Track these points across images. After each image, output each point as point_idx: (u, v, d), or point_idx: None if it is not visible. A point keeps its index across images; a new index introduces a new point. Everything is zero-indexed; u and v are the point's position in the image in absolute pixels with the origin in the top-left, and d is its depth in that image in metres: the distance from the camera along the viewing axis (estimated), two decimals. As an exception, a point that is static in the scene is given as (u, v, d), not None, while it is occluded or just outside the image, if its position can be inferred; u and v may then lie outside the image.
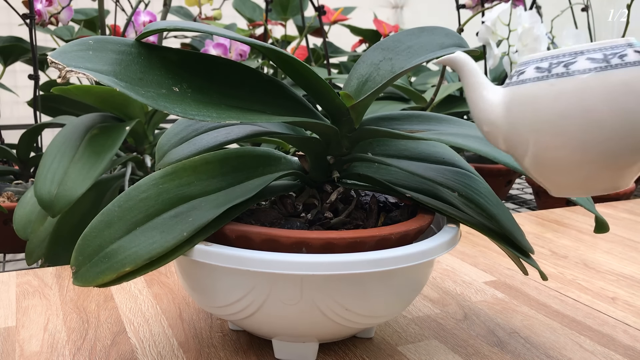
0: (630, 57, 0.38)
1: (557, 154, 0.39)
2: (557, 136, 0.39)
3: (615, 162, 0.39)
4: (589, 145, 0.38)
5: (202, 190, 0.46)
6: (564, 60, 0.39)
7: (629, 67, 0.38)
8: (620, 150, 0.38)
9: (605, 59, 0.38)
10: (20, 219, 0.82)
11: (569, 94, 0.38)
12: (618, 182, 0.40)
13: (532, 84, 0.40)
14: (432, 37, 0.53)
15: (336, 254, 0.43)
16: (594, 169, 0.39)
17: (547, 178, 0.41)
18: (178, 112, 0.40)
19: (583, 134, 0.38)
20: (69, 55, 0.40)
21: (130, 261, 0.41)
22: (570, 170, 0.40)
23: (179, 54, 0.45)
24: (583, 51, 0.39)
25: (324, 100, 0.48)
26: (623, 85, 0.38)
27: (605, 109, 0.38)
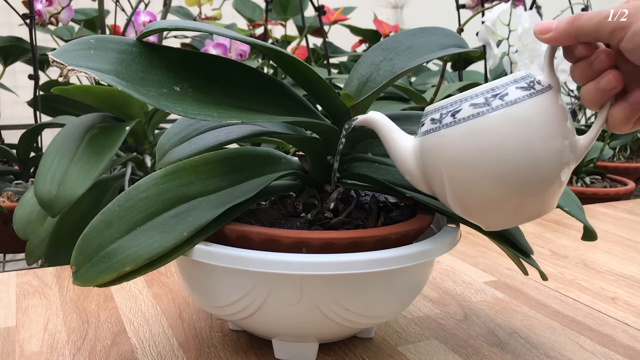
0: (510, 96, 0.40)
1: (469, 194, 0.41)
2: (465, 180, 0.41)
3: (528, 190, 0.40)
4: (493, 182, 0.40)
5: (202, 190, 0.46)
6: (452, 109, 0.41)
7: (509, 107, 0.39)
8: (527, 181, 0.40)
9: (487, 102, 0.40)
10: (20, 219, 0.82)
11: (457, 142, 0.40)
12: (542, 209, 0.42)
13: (429, 135, 0.42)
14: (432, 38, 0.53)
15: (336, 254, 0.43)
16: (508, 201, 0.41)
17: (473, 216, 0.43)
18: (179, 111, 0.40)
19: (481, 173, 0.40)
20: (71, 54, 0.40)
21: (130, 261, 0.41)
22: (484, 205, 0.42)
23: (179, 53, 0.45)
24: (466, 97, 0.41)
25: (324, 100, 0.48)
26: (503, 124, 0.39)
27: (480, 150, 0.39)
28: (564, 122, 0.40)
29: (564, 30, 0.38)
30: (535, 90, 0.40)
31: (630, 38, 0.35)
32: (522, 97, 0.40)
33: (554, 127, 0.39)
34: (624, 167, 1.37)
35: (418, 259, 0.45)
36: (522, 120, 0.39)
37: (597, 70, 0.39)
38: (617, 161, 1.45)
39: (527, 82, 0.41)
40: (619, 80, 0.38)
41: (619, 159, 1.47)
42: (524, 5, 1.24)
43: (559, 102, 0.41)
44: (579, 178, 1.28)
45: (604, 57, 0.38)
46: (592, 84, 0.39)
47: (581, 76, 0.39)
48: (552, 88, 0.41)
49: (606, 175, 1.31)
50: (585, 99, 0.39)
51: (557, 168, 0.40)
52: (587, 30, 0.37)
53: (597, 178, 1.30)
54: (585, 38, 0.38)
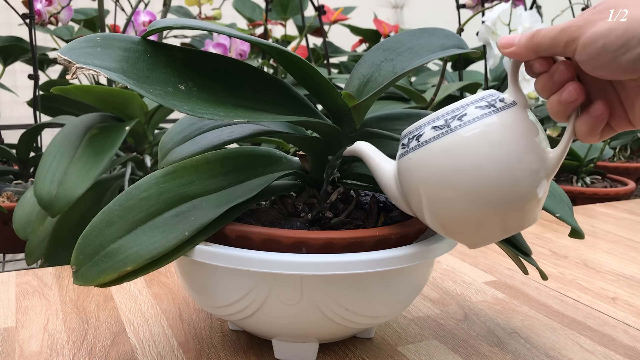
0: (468, 116, 0.40)
1: (442, 214, 0.42)
2: (435, 201, 0.41)
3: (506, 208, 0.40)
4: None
5: (203, 190, 0.45)
6: (416, 132, 0.42)
7: (466, 126, 0.40)
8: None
9: (447, 124, 0.40)
10: (20, 219, 0.82)
11: (420, 164, 0.41)
12: (525, 222, 0.42)
13: (401, 160, 0.43)
14: (433, 39, 0.53)
15: (336, 254, 0.43)
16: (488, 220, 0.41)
17: (454, 236, 0.43)
18: (187, 110, 0.40)
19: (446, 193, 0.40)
20: (78, 51, 0.41)
21: (131, 260, 0.41)
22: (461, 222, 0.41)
23: (183, 52, 0.45)
24: (429, 121, 0.41)
25: (326, 99, 0.48)
26: (460, 145, 0.39)
27: (446, 169, 0.40)
28: (530, 137, 0.40)
29: (524, 45, 0.39)
30: (495, 107, 0.40)
31: (580, 50, 0.36)
32: (480, 115, 0.40)
33: (518, 142, 0.39)
34: (624, 167, 1.37)
35: (418, 259, 0.45)
36: (479, 139, 0.39)
37: (558, 82, 0.39)
38: (618, 161, 1.45)
39: (488, 100, 0.41)
40: (580, 92, 0.38)
41: (619, 159, 1.47)
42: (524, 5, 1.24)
43: (526, 118, 0.40)
44: (579, 178, 1.28)
45: (563, 68, 0.38)
46: (555, 96, 0.39)
47: (543, 89, 0.39)
48: (516, 104, 0.40)
49: (606, 175, 1.31)
50: (550, 111, 0.39)
51: (530, 184, 0.40)
52: (545, 45, 0.37)
53: (597, 178, 1.30)
54: (544, 53, 0.38)
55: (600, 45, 0.34)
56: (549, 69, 0.39)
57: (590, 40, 0.35)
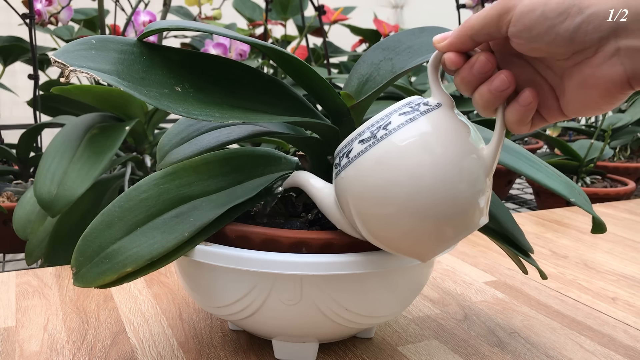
0: (393, 123, 0.39)
1: (380, 231, 0.40)
2: (371, 217, 0.40)
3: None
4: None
5: (202, 191, 0.45)
6: (346, 149, 0.41)
7: (392, 134, 0.39)
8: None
9: (373, 135, 0.39)
10: (19, 219, 0.82)
11: (353, 181, 0.40)
12: (472, 225, 0.40)
13: (335, 180, 0.42)
14: (432, 38, 0.53)
15: (336, 254, 0.43)
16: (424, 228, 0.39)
17: (401, 251, 0.42)
18: (181, 111, 0.40)
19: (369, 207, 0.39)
20: (72, 54, 0.40)
21: (131, 262, 0.41)
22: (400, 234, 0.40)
23: (180, 53, 0.45)
24: (356, 135, 0.40)
25: (324, 100, 0.48)
26: (389, 154, 0.38)
27: (378, 182, 0.38)
28: (461, 136, 0.39)
29: (458, 34, 0.38)
30: (420, 112, 0.39)
31: (516, 20, 0.34)
32: (404, 122, 0.39)
33: (449, 144, 0.38)
34: (624, 167, 1.37)
35: (418, 259, 0.45)
36: (407, 146, 0.38)
37: (479, 74, 0.38)
38: (618, 161, 1.45)
39: (412, 106, 0.40)
40: (511, 80, 0.37)
41: (619, 158, 1.47)
42: (524, 5, 1.24)
43: (453, 118, 0.39)
44: (580, 178, 1.28)
45: (484, 59, 0.37)
46: (484, 86, 0.38)
47: (463, 82, 0.38)
48: (441, 105, 0.40)
49: (606, 175, 1.31)
50: (478, 103, 0.38)
51: (471, 186, 0.38)
52: (478, 26, 0.36)
53: (597, 178, 1.30)
54: (479, 35, 0.37)
55: (539, 13, 0.33)
56: (465, 63, 0.38)
57: (528, 9, 0.34)
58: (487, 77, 0.38)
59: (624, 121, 1.43)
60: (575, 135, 1.83)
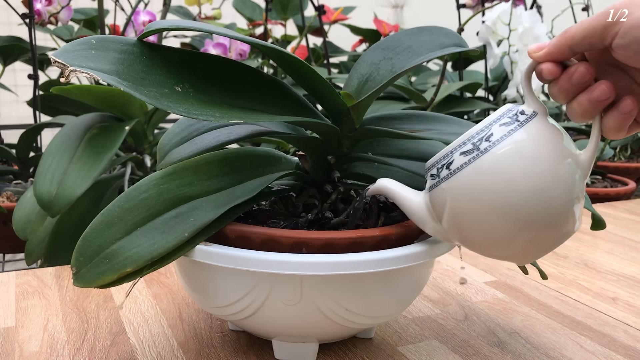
0: (495, 135, 0.40)
1: (487, 239, 0.41)
2: (477, 226, 0.41)
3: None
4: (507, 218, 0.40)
5: (202, 191, 0.45)
6: (445, 161, 0.41)
7: (496, 146, 0.39)
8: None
9: (475, 147, 0.40)
10: (19, 219, 0.82)
11: (457, 193, 0.40)
12: (570, 229, 0.41)
13: (433, 191, 0.43)
14: (432, 37, 0.53)
15: (336, 254, 0.43)
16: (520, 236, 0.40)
17: (501, 258, 0.43)
18: (181, 111, 0.40)
19: (491, 216, 0.40)
20: (72, 54, 0.40)
21: (131, 262, 0.41)
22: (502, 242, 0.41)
23: (180, 53, 0.45)
24: (456, 147, 0.41)
25: (325, 99, 0.48)
26: (494, 166, 0.39)
27: (480, 196, 0.39)
28: (559, 143, 0.40)
29: (556, 44, 0.38)
30: (520, 122, 0.40)
31: (624, 33, 0.35)
32: (507, 132, 0.39)
33: (548, 152, 0.39)
34: (625, 167, 1.37)
35: (418, 259, 0.45)
36: (512, 156, 0.39)
37: (578, 84, 0.38)
38: (618, 161, 1.45)
39: (510, 116, 0.40)
40: (612, 90, 0.38)
41: (620, 158, 1.47)
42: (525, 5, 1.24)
43: (549, 125, 0.40)
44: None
45: (583, 69, 0.38)
46: (584, 95, 0.38)
47: (561, 92, 0.39)
48: (537, 114, 0.40)
49: (607, 175, 1.31)
50: (577, 112, 0.39)
51: (570, 192, 0.39)
52: (579, 36, 0.37)
53: (597, 178, 1.30)
54: (579, 45, 0.37)
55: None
56: (563, 74, 0.39)
57: (639, 22, 0.34)
58: (586, 87, 0.39)
59: (624, 121, 1.43)
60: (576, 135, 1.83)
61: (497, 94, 1.35)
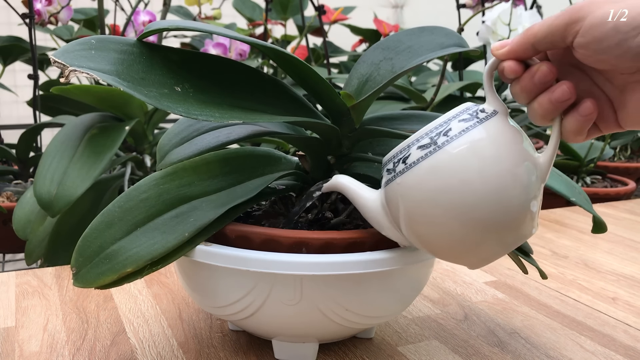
0: (454, 130, 0.39)
1: (438, 239, 0.40)
2: (428, 225, 0.40)
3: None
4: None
5: (202, 191, 0.45)
6: (402, 155, 0.41)
7: (454, 141, 0.39)
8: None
9: (433, 141, 0.39)
10: (19, 219, 0.82)
11: (412, 188, 0.40)
12: (524, 234, 0.40)
13: (388, 186, 0.42)
14: (432, 37, 0.53)
15: (336, 254, 0.43)
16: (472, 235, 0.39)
17: (452, 259, 0.42)
18: (181, 111, 0.40)
19: (433, 215, 0.39)
20: (72, 54, 0.40)
21: (131, 262, 0.41)
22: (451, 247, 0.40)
23: (180, 53, 0.45)
24: (413, 141, 0.40)
25: (324, 99, 0.48)
26: (450, 162, 0.38)
27: (439, 189, 0.38)
28: (518, 144, 0.39)
29: (519, 42, 0.38)
30: (478, 119, 0.39)
31: (584, 32, 0.34)
32: (466, 128, 0.39)
33: (507, 152, 0.38)
34: (625, 167, 1.37)
35: (418, 259, 0.45)
36: (468, 153, 0.38)
37: (540, 83, 0.38)
38: (618, 161, 1.45)
39: (470, 113, 0.40)
40: (573, 91, 0.37)
41: (620, 158, 1.47)
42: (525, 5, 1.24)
43: (509, 125, 0.39)
44: (580, 178, 1.28)
45: (545, 68, 0.37)
46: (544, 96, 0.38)
47: (523, 91, 0.38)
48: (497, 113, 0.40)
49: (607, 175, 1.31)
50: (537, 112, 0.38)
51: (526, 194, 0.39)
52: (542, 34, 0.36)
53: (597, 178, 1.30)
54: (542, 43, 0.37)
55: (611, 25, 0.33)
56: (525, 72, 0.38)
57: (599, 21, 0.34)
58: (548, 86, 0.38)
59: (624, 121, 1.43)
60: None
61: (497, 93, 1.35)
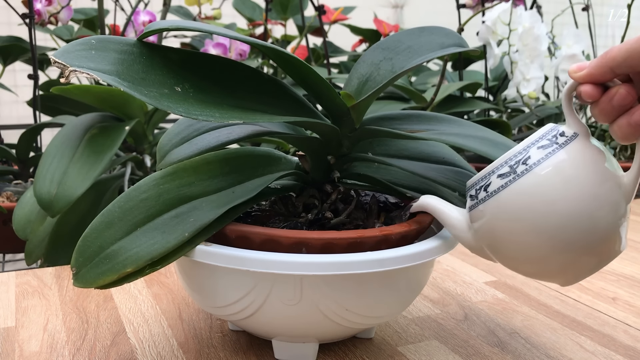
0: (533, 158, 0.40)
1: (525, 262, 0.42)
2: (514, 249, 0.41)
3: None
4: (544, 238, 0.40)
5: (202, 191, 0.45)
6: (483, 183, 0.42)
7: (533, 169, 0.39)
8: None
9: (512, 170, 0.40)
10: (19, 219, 0.82)
11: (494, 215, 0.41)
12: (613, 252, 0.41)
13: (472, 211, 0.43)
14: (432, 37, 0.53)
15: (336, 254, 0.43)
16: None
17: (545, 279, 0.44)
18: (181, 112, 0.40)
19: (530, 235, 0.40)
20: (72, 55, 0.40)
21: (131, 262, 0.41)
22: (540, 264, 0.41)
23: (180, 53, 0.45)
24: (493, 169, 0.41)
25: (324, 99, 0.48)
26: (531, 188, 0.39)
27: (517, 219, 0.40)
28: (600, 165, 0.39)
29: (597, 65, 0.38)
30: (558, 144, 0.40)
31: None
32: (545, 155, 0.39)
33: (590, 176, 0.39)
34: (625, 167, 1.36)
35: (418, 259, 0.45)
36: (550, 179, 0.39)
37: (619, 106, 0.38)
38: (618, 161, 1.45)
39: (549, 138, 0.40)
40: None
41: (620, 159, 1.47)
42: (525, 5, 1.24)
43: (590, 146, 0.40)
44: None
45: (624, 92, 0.37)
46: (624, 119, 0.38)
47: (601, 114, 0.39)
48: (578, 135, 0.40)
49: (606, 175, 1.31)
50: (617, 135, 0.38)
51: (612, 215, 0.39)
52: (621, 58, 0.36)
53: (597, 178, 1.29)
54: (621, 67, 0.37)
55: None
56: (604, 95, 0.38)
57: None
58: (627, 109, 0.38)
59: (624, 121, 1.43)
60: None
61: (497, 94, 1.36)
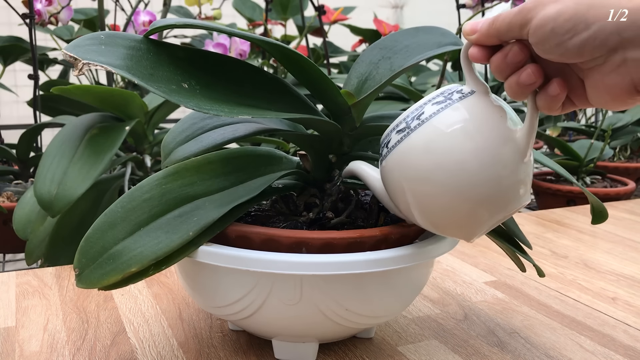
0: (426, 113, 0.41)
1: (426, 214, 0.43)
2: (414, 203, 0.42)
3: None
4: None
5: (205, 190, 0.46)
6: (386, 140, 0.43)
7: (425, 124, 0.41)
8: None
9: (407, 125, 0.42)
10: (20, 219, 0.82)
11: (392, 170, 0.43)
12: (514, 205, 0.41)
13: (380, 167, 0.45)
14: (429, 37, 0.54)
15: (336, 254, 0.43)
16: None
17: (446, 232, 0.44)
18: (193, 106, 0.41)
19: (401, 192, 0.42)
20: (83, 48, 0.41)
21: (136, 262, 0.41)
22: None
23: (185, 51, 0.46)
24: (394, 126, 0.43)
25: (326, 97, 0.48)
26: (422, 142, 0.40)
27: (417, 168, 0.41)
28: (496, 120, 0.40)
29: (485, 32, 0.39)
30: (452, 100, 0.41)
31: (532, 33, 0.36)
32: (437, 110, 0.40)
33: (481, 128, 0.39)
34: (624, 167, 1.37)
35: (418, 259, 0.45)
36: (438, 134, 0.40)
37: (512, 64, 0.38)
38: (618, 161, 1.45)
39: (445, 95, 0.41)
40: (538, 74, 0.38)
41: (619, 158, 1.47)
42: (524, 5, 1.23)
43: (489, 103, 0.40)
44: (579, 178, 1.28)
45: (517, 49, 0.38)
46: (513, 78, 0.39)
47: (497, 70, 0.39)
48: (474, 92, 0.41)
49: (606, 175, 1.31)
50: (509, 92, 0.39)
51: (512, 171, 0.40)
52: (503, 29, 0.38)
53: (597, 178, 1.30)
54: (505, 37, 0.38)
55: (549, 28, 0.35)
56: (499, 52, 0.39)
57: (540, 24, 0.35)
58: (520, 66, 0.39)
59: (624, 121, 1.43)
60: (575, 135, 1.83)
61: (497, 93, 1.36)
